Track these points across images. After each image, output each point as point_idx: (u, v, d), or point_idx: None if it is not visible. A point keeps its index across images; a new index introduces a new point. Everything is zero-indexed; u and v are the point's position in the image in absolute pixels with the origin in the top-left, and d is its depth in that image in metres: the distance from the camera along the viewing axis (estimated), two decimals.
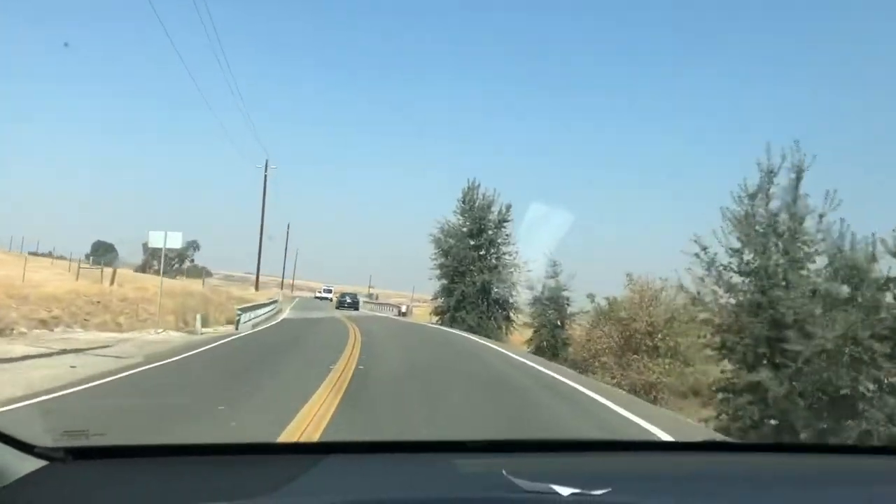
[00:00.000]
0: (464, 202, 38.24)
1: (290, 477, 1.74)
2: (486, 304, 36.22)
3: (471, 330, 34.63)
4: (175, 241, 19.55)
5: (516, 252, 37.11)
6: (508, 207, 37.32)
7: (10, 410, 7.33)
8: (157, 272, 76.81)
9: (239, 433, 6.44)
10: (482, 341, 23.61)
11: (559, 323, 24.71)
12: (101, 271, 37.59)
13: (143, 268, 77.05)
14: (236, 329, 23.40)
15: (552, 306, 25.07)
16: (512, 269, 36.66)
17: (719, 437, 9.66)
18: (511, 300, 36.86)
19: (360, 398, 9.12)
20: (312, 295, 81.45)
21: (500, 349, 19.87)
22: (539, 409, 9.94)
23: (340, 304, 54.27)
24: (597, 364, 20.31)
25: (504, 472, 1.72)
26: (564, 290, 25.59)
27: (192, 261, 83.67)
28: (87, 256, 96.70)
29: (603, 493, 1.66)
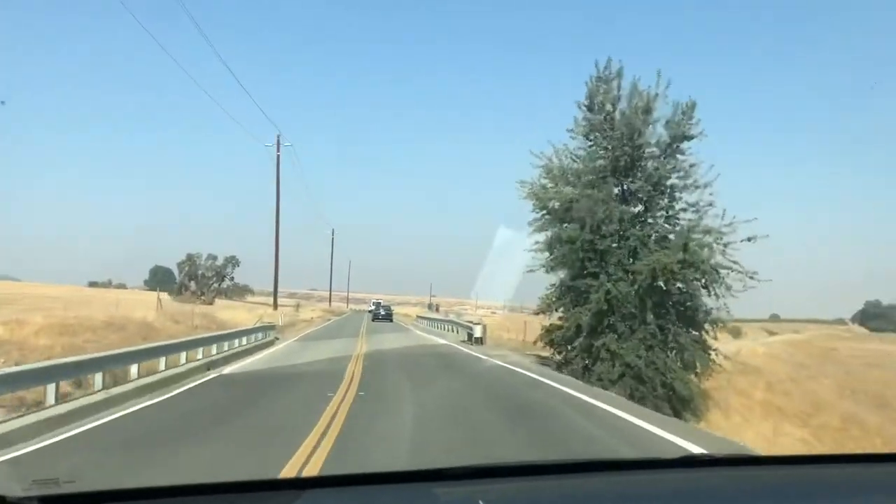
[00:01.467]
0: (590, 108, 18.75)
1: None
2: (655, 316, 16.73)
3: (634, 379, 15.31)
4: None
5: (709, 204, 17.51)
6: (691, 107, 17.48)
7: None
8: (195, 294, 66.04)
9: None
10: None
11: None
12: None
13: (179, 290, 66.42)
14: None
15: None
16: (709, 240, 16.98)
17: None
18: (710, 305, 17.15)
19: None
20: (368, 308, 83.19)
21: None
22: None
23: (375, 317, 54.66)
24: None
25: (481, 502, 1.71)
26: None
27: (233, 279, 76.67)
28: (146, 283, 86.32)
29: None
